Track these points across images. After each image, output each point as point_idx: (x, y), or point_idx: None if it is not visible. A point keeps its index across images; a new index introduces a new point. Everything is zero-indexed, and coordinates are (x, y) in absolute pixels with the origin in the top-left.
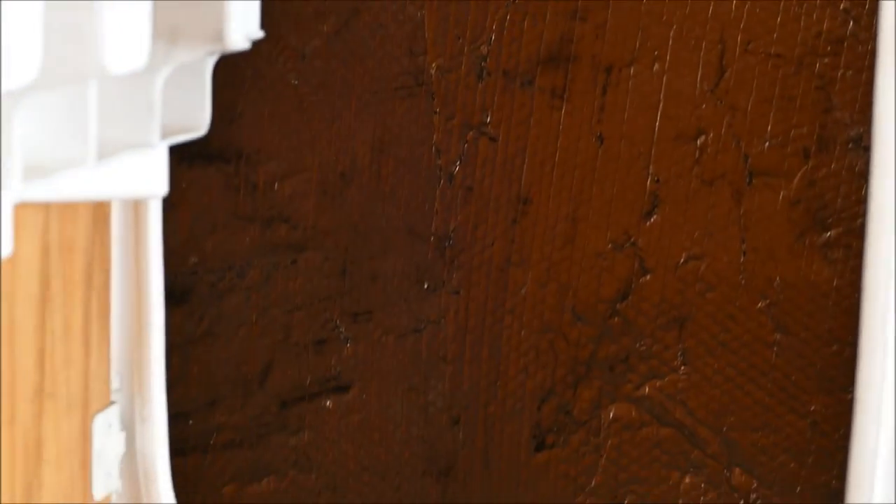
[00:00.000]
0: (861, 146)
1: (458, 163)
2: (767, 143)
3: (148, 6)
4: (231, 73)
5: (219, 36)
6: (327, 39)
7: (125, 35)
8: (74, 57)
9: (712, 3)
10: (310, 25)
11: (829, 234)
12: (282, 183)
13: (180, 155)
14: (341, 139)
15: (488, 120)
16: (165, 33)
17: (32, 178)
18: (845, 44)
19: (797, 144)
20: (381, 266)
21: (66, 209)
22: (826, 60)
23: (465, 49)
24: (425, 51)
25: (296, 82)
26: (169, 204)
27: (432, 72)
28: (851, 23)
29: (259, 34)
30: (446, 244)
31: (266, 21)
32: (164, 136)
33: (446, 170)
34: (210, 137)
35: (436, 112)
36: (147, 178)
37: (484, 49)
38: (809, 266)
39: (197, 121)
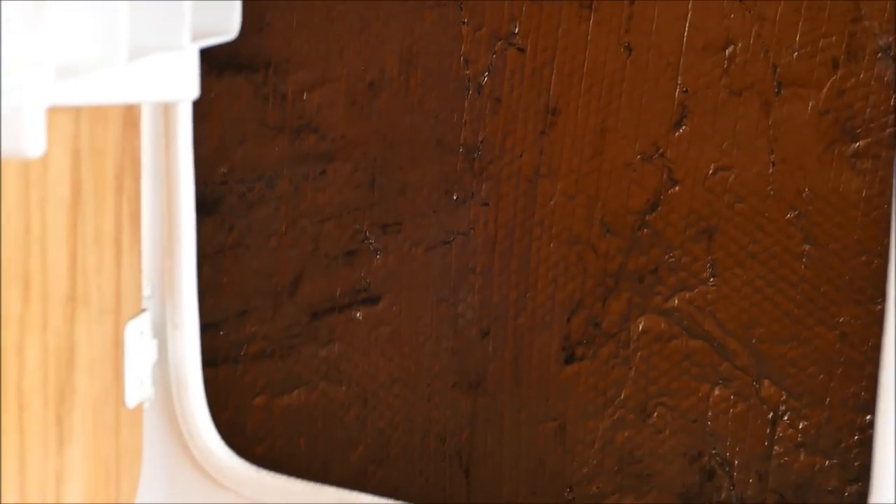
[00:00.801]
0: (890, 55)
1: (487, 73)
2: (796, 53)
3: None
4: None
5: None
6: None
7: None
8: None
9: None
10: None
11: (857, 144)
12: (310, 93)
13: (209, 64)
14: (370, 49)
15: (516, 30)
16: None
17: (64, 78)
18: None
19: (826, 54)
20: (410, 177)
21: (97, 114)
22: None
23: None
24: None
25: None
26: (198, 114)
27: None
28: None
29: None
30: (475, 155)
31: None
32: (195, 38)
33: (475, 80)
34: (239, 47)
35: (464, 22)
36: (177, 82)
37: None
38: (838, 176)
39: (227, 24)
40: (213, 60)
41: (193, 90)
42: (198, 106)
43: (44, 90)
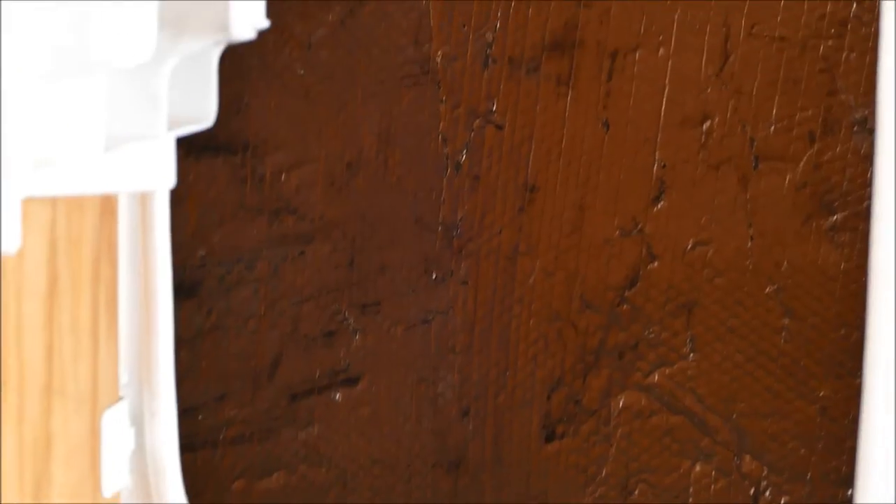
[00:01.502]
0: (866, 129)
1: (465, 151)
2: (773, 127)
3: None
4: (237, 63)
5: (224, 26)
6: (333, 28)
7: (132, 26)
8: (81, 49)
9: None
10: (315, 14)
11: (835, 217)
12: (289, 174)
13: (187, 147)
14: (348, 129)
15: (494, 108)
16: (171, 24)
17: (39, 169)
18: (849, 26)
19: (803, 128)
20: (389, 256)
21: (74, 203)
22: (830, 43)
23: (471, 37)
24: (430, 39)
25: (302, 72)
26: (176, 197)
27: (438, 60)
28: (855, 4)
29: (265, 24)
30: (454, 233)
31: (271, 11)
32: (171, 127)
33: (453, 158)
34: (216, 129)
35: (442, 101)
36: (154, 170)
37: (489, 36)
38: (816, 250)
39: (203, 111)
40: (191, 143)
41: (170, 179)
42: (175, 189)
43: (20, 184)
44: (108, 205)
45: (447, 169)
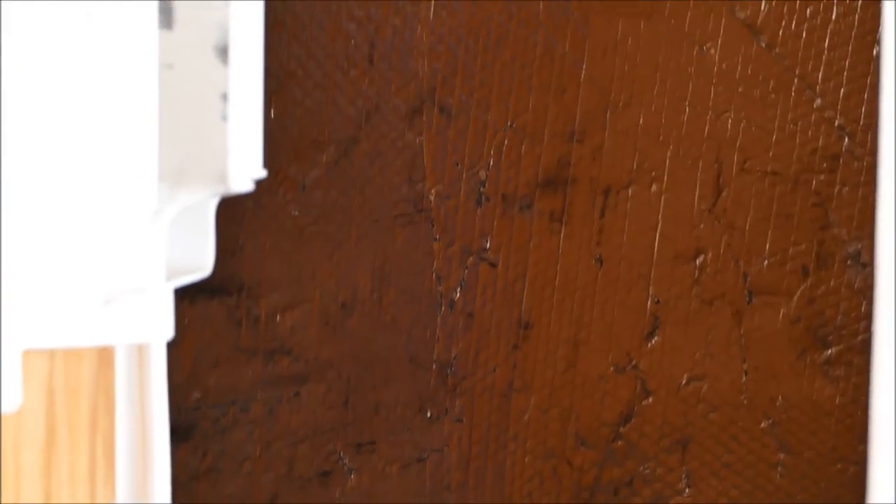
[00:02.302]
0: (859, 262)
1: (459, 289)
2: (766, 262)
3: (153, 149)
4: (232, 205)
5: (223, 178)
6: (327, 169)
7: (132, 180)
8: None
9: (708, 123)
10: (309, 156)
11: (829, 351)
12: (283, 315)
13: (183, 291)
14: (342, 269)
15: (488, 245)
16: (170, 176)
17: (37, 325)
18: (841, 160)
19: (796, 262)
20: (384, 395)
21: (72, 354)
22: (822, 177)
23: (464, 174)
24: (424, 177)
25: (296, 213)
26: (171, 341)
27: (431, 198)
28: (846, 139)
29: (262, 174)
30: (448, 371)
31: (266, 152)
32: (169, 278)
33: (447, 296)
34: (212, 271)
35: (436, 238)
36: (151, 322)
37: (482, 174)
38: (811, 384)
39: (201, 261)
40: (186, 287)
41: (168, 331)
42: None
43: (19, 341)
44: (105, 354)
45: (441, 307)
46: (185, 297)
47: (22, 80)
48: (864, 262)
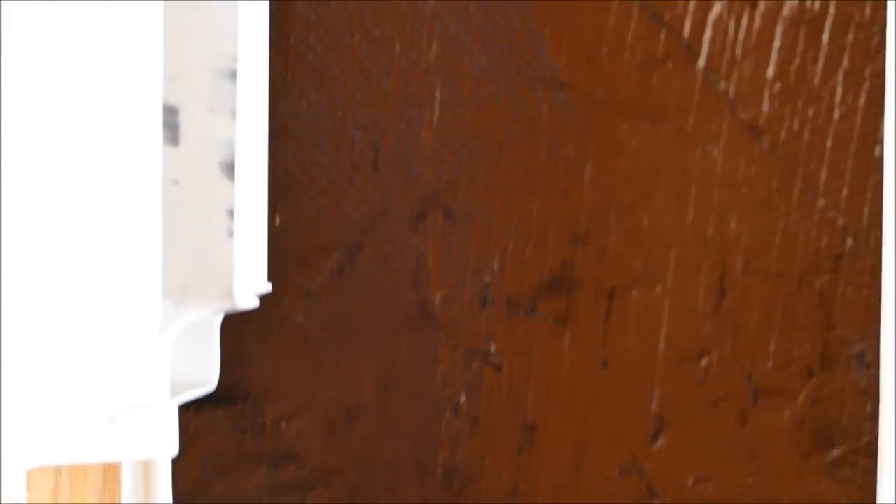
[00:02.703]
0: (864, 362)
1: (464, 393)
2: (771, 363)
3: (158, 266)
4: (236, 315)
5: (228, 294)
6: (331, 275)
7: (136, 296)
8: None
9: (712, 225)
10: (314, 262)
11: (835, 452)
12: (289, 422)
13: (187, 401)
14: (348, 376)
15: (492, 349)
16: (174, 292)
17: (41, 443)
18: (844, 260)
19: (800, 363)
20: (389, 501)
21: (77, 470)
22: (826, 278)
23: (469, 279)
24: (429, 282)
25: (301, 320)
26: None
27: (436, 303)
28: (850, 239)
29: (267, 288)
30: (454, 476)
31: (270, 258)
32: (174, 394)
33: (452, 401)
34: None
35: (440, 343)
36: (156, 438)
37: (487, 277)
38: (817, 486)
39: (206, 376)
40: None
41: (173, 447)
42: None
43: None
44: (110, 470)
45: (446, 411)
46: (191, 406)
47: (27, 199)
48: (869, 363)
